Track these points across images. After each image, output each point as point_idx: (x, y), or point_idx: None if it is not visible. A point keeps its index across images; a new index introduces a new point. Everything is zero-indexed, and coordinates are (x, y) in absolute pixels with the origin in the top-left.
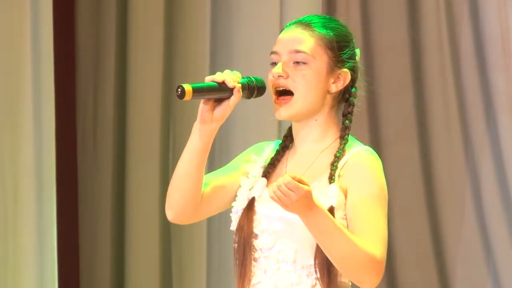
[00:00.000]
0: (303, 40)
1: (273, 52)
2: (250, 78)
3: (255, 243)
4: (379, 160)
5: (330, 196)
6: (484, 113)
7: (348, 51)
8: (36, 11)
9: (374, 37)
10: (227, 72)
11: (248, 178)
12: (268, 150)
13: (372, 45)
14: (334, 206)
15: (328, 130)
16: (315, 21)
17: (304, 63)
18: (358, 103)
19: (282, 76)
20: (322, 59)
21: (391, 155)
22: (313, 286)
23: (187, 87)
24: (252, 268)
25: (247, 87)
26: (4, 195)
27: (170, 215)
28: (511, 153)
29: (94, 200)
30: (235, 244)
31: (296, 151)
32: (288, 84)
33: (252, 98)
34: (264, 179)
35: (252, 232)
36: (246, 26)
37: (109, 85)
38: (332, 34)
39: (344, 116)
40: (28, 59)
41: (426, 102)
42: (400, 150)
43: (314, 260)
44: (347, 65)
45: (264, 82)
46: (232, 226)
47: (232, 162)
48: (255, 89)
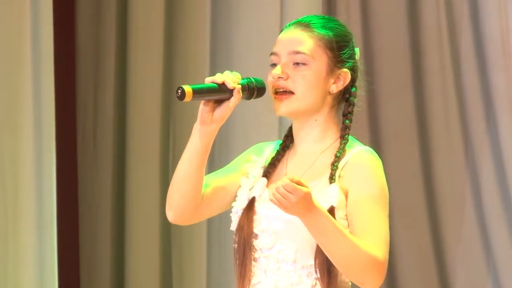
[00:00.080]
0: (303, 41)
1: (272, 53)
2: (250, 79)
3: (255, 243)
4: (379, 160)
5: (330, 196)
6: (484, 113)
7: (347, 50)
8: (36, 11)
9: (374, 37)
10: (227, 73)
11: (248, 178)
12: (268, 150)
13: (372, 45)
14: (335, 206)
15: (328, 130)
16: (314, 21)
17: (304, 64)
18: (358, 102)
19: (282, 78)
20: (322, 60)
21: (391, 155)
22: (313, 286)
23: (187, 89)
24: (252, 268)
25: (247, 88)
26: (4, 195)
27: (171, 216)
28: (511, 153)
29: (94, 200)
30: (235, 244)
31: (296, 151)
32: (288, 85)
33: (252, 99)
34: (264, 179)
35: (252, 232)
36: (246, 26)
37: (109, 85)
38: (331, 34)
39: (345, 115)
40: (28, 59)
41: (426, 102)
42: (400, 150)
43: (314, 260)
44: (347, 65)
45: (264, 83)
46: (232, 226)
47: (232, 163)
48: (255, 90)
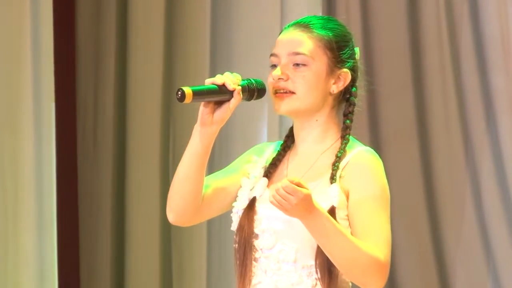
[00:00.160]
0: (302, 42)
1: (272, 54)
2: (250, 80)
3: (256, 243)
4: (380, 161)
5: (331, 196)
6: (484, 113)
7: (347, 50)
8: (36, 11)
9: (374, 37)
10: (227, 74)
11: (249, 178)
12: (269, 151)
13: (372, 45)
14: (335, 206)
15: (329, 130)
16: (314, 22)
17: (304, 65)
18: (359, 102)
19: (282, 79)
20: (322, 60)
21: (391, 155)
22: (313, 286)
23: (187, 90)
24: (252, 268)
25: (247, 89)
26: (4, 195)
27: (171, 217)
28: (511, 153)
29: (94, 200)
30: (236, 244)
31: (297, 151)
32: (288, 86)
33: (252, 100)
34: (265, 179)
35: (252, 232)
36: (246, 26)
37: (109, 85)
38: (331, 34)
39: (345, 115)
40: (28, 59)
41: (426, 102)
42: (400, 150)
43: (315, 260)
44: (347, 65)
45: (264, 84)
46: (233, 226)
47: (232, 164)
48: (255, 91)
